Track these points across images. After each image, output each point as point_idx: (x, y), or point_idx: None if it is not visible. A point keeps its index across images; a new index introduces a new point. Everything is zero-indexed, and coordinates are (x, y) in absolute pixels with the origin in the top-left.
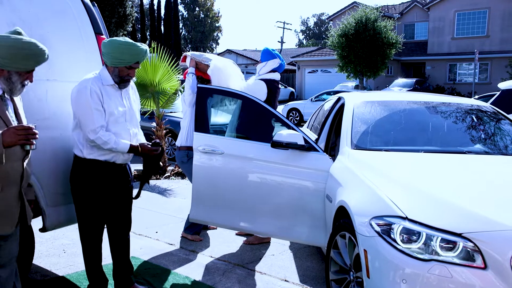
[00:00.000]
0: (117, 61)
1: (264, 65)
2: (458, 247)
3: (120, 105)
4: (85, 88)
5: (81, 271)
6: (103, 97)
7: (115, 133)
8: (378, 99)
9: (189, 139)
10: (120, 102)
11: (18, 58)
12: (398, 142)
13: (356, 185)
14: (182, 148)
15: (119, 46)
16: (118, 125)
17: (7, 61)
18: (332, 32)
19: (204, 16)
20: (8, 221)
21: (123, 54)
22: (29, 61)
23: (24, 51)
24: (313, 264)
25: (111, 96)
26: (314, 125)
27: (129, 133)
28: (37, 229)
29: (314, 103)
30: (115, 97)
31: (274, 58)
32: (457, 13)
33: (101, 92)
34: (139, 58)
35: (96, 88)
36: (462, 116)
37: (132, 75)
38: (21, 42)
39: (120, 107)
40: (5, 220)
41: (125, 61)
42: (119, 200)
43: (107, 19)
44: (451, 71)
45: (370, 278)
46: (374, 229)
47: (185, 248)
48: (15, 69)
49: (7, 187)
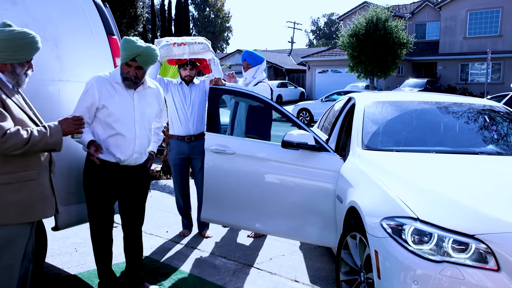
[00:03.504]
0: (121, 58)
1: (258, 69)
2: (470, 249)
3: (128, 105)
4: (87, 84)
5: (92, 269)
6: (102, 94)
7: (118, 134)
8: (389, 99)
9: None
10: (130, 103)
11: (17, 48)
12: (409, 142)
13: (367, 185)
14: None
15: (121, 42)
16: (122, 125)
17: (9, 54)
18: (343, 32)
19: (214, 16)
20: (49, 205)
21: (121, 50)
22: (27, 50)
23: (20, 41)
24: (323, 265)
25: (119, 95)
26: (324, 125)
27: (134, 135)
28: (49, 227)
29: (324, 103)
30: (124, 97)
31: (262, 60)
32: (469, 13)
33: (103, 89)
34: (133, 54)
35: (96, 85)
36: (474, 117)
37: (132, 74)
38: (16, 33)
39: (127, 107)
40: (48, 205)
41: (122, 57)
42: (130, 200)
43: (118, 20)
44: (463, 71)
45: (381, 279)
46: (385, 230)
47: (195, 247)
48: (16, 60)
49: (42, 173)
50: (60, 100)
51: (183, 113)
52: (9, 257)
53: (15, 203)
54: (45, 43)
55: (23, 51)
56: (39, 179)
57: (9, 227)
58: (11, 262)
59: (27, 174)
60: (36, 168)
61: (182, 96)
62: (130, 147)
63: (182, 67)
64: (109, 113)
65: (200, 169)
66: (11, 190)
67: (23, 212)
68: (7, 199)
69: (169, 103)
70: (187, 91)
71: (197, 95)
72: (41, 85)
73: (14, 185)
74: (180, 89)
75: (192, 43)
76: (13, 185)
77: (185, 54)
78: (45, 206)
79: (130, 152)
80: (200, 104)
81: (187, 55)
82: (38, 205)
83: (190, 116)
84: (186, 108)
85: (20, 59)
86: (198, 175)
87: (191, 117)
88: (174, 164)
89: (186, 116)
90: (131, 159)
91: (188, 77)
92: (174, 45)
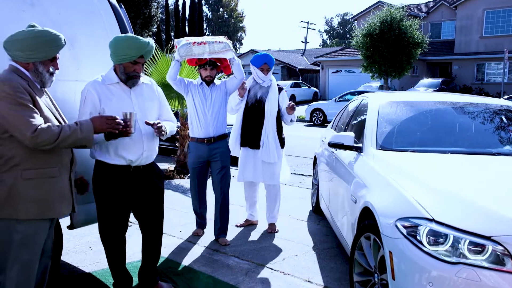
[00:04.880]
0: (120, 57)
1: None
2: (487, 251)
3: (127, 104)
4: (82, 92)
5: (106, 268)
6: (101, 98)
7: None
8: (404, 99)
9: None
10: (128, 102)
11: (39, 46)
12: (424, 142)
13: (381, 186)
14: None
15: (119, 41)
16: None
17: (31, 53)
18: (357, 31)
19: (228, 16)
20: (67, 204)
21: (124, 49)
22: (49, 47)
23: (42, 39)
24: (336, 265)
25: (116, 96)
26: (338, 125)
27: (140, 133)
28: (64, 226)
29: (338, 104)
30: (121, 97)
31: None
32: (485, 11)
33: (100, 93)
34: (142, 52)
35: (93, 90)
36: (491, 117)
37: (139, 71)
38: (35, 32)
39: (126, 107)
40: (66, 203)
41: (127, 56)
42: (146, 203)
43: (133, 21)
44: (479, 71)
45: (395, 280)
46: (400, 230)
47: (208, 247)
48: (39, 59)
49: (62, 171)
50: (76, 100)
51: (203, 114)
52: (28, 253)
53: (36, 199)
54: None
55: (42, 49)
56: (60, 177)
57: (28, 223)
58: (30, 258)
59: (49, 171)
60: (58, 166)
61: (202, 97)
62: (139, 146)
63: (203, 67)
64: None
65: (219, 171)
66: (33, 185)
67: (42, 208)
68: (29, 194)
69: (189, 104)
70: (208, 92)
71: (217, 96)
72: (58, 85)
73: (35, 181)
74: (200, 90)
75: (212, 42)
76: (35, 181)
77: (205, 53)
78: (63, 204)
79: (140, 151)
80: (220, 105)
81: (207, 55)
82: (56, 203)
83: (210, 117)
84: (207, 109)
85: (40, 58)
86: (216, 177)
87: (212, 119)
88: (192, 168)
89: (206, 118)
90: (142, 158)
91: (209, 77)
92: (194, 44)
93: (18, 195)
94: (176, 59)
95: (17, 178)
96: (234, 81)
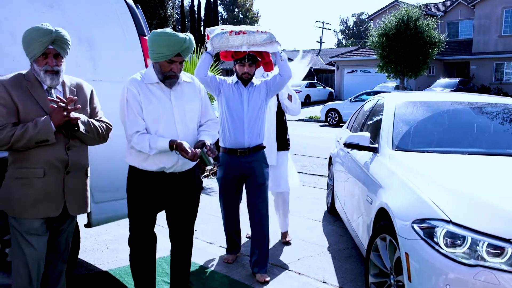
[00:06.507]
0: (156, 55)
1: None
2: (506, 253)
3: (166, 106)
4: (123, 90)
5: (123, 266)
6: (142, 97)
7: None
8: (420, 99)
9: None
10: (167, 103)
11: (25, 46)
12: (441, 143)
13: (397, 186)
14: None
15: (155, 38)
16: (163, 129)
17: (26, 53)
18: (372, 31)
19: (243, 16)
20: (54, 205)
21: (160, 47)
22: (32, 45)
23: (25, 39)
24: (352, 266)
25: (156, 96)
26: (354, 125)
27: (176, 136)
28: (82, 224)
29: (353, 104)
30: (161, 97)
31: None
32: (505, 10)
33: (140, 93)
34: (178, 49)
35: (134, 88)
36: (510, 117)
37: (176, 71)
38: (25, 32)
39: (165, 109)
40: (53, 205)
41: (163, 54)
42: (178, 212)
43: (149, 21)
44: (498, 71)
45: (411, 282)
46: (417, 232)
47: (223, 246)
48: (32, 58)
49: (49, 172)
50: None
51: (238, 120)
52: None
53: (18, 198)
54: (79, 44)
55: (28, 48)
56: (45, 178)
57: (20, 220)
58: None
59: (34, 171)
60: (43, 167)
61: (237, 99)
62: (174, 153)
63: (240, 62)
64: (147, 117)
65: (255, 190)
66: (20, 184)
67: (23, 208)
68: (16, 193)
69: (220, 107)
70: (245, 93)
71: (256, 99)
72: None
73: (22, 180)
74: (235, 90)
75: (253, 32)
76: (22, 180)
77: (243, 45)
78: (49, 206)
79: (175, 158)
80: (259, 109)
81: (246, 47)
82: (39, 204)
83: (246, 124)
84: (243, 114)
85: (32, 57)
86: (251, 197)
87: (247, 126)
88: (221, 184)
89: (240, 125)
90: (177, 166)
91: (247, 75)
92: (230, 33)
93: (10, 192)
94: (207, 51)
95: (11, 176)
96: (280, 81)
